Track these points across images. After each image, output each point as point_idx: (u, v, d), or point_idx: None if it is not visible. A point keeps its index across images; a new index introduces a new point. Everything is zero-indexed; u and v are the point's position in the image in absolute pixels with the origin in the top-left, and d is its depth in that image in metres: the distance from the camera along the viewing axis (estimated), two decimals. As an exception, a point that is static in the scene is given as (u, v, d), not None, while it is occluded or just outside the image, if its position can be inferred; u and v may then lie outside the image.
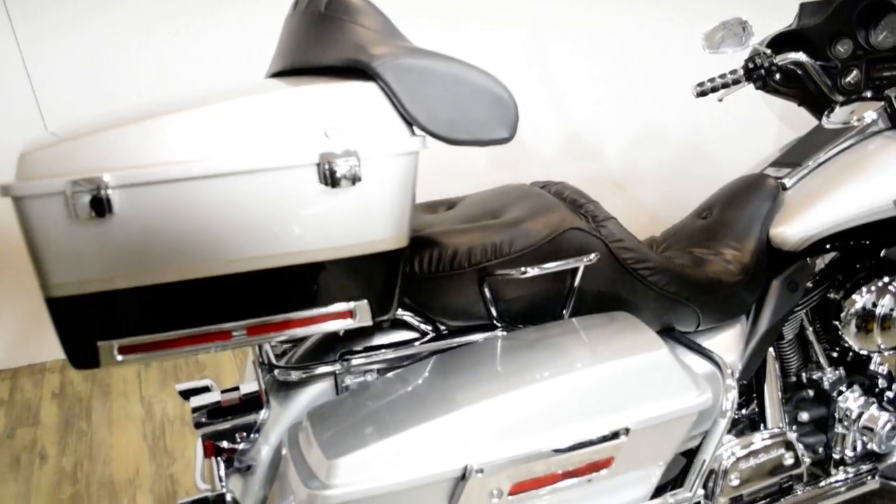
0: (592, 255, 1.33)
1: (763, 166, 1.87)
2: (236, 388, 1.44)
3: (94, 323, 1.01)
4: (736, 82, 2.13)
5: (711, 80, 2.16)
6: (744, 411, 1.73)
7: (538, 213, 1.38)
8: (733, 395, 1.38)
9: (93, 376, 3.07)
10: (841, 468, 1.83)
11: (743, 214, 1.69)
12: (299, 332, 1.11)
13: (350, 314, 1.13)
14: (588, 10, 3.39)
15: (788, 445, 1.58)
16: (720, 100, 2.22)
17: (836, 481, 1.80)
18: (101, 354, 1.03)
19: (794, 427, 1.80)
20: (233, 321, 1.07)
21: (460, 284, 1.33)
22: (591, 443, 1.18)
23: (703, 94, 2.18)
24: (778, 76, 2.10)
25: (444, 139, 1.12)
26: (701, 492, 1.41)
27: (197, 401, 1.40)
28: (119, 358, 1.03)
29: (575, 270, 1.37)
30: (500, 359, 1.28)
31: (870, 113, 1.86)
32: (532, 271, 1.30)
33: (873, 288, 1.74)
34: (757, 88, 2.13)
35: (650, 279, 1.43)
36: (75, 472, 2.50)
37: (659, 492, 1.38)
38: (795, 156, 1.82)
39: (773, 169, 1.81)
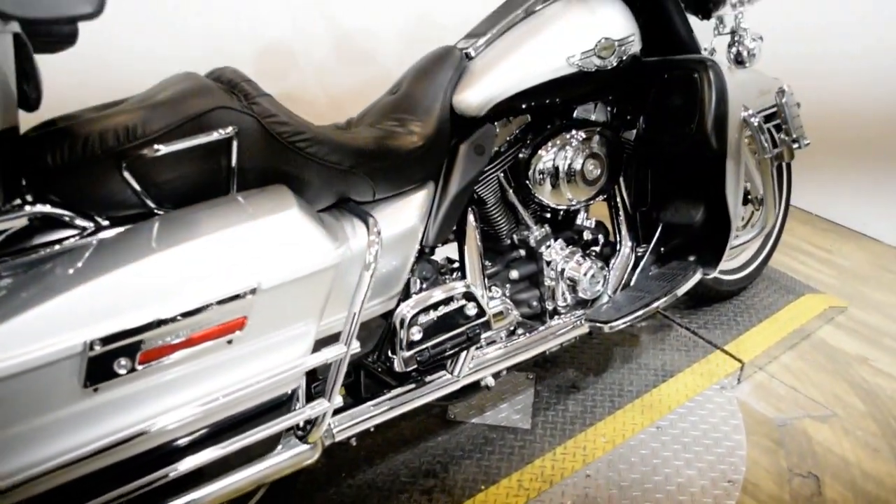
0: (230, 129, 1.34)
1: None
2: None
3: None
4: None
5: None
6: (453, 275, 1.81)
7: (184, 96, 1.38)
8: (376, 249, 1.44)
9: None
10: (556, 318, 1.96)
11: (429, 86, 1.73)
12: None
13: None
14: None
15: (469, 296, 1.68)
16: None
17: (550, 328, 1.93)
18: None
19: (509, 286, 1.91)
20: None
21: (100, 172, 1.31)
22: (212, 305, 1.22)
23: None
24: None
25: (9, 16, 1.08)
26: (356, 344, 1.48)
27: None
28: None
29: (230, 148, 1.38)
30: (136, 237, 1.29)
31: None
32: (164, 150, 1.30)
33: (557, 143, 1.84)
34: None
35: (309, 151, 1.46)
36: None
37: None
38: (485, 26, 1.88)
39: (465, 40, 1.86)
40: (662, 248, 2.12)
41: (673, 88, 1.93)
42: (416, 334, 1.59)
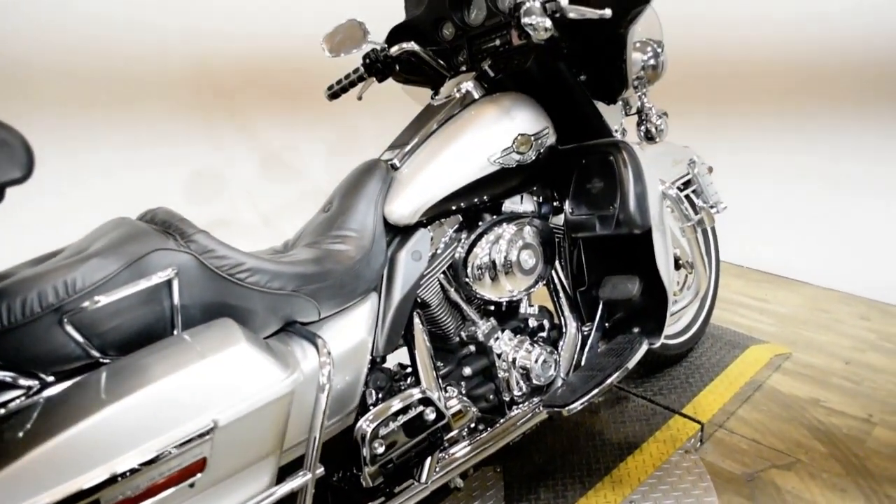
0: (169, 270, 1.36)
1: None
2: None
3: None
4: (361, 79, 2.25)
5: (338, 81, 2.28)
6: (407, 381, 1.83)
7: (120, 242, 1.39)
8: (328, 369, 1.45)
9: None
10: (514, 408, 1.98)
11: (360, 200, 1.78)
12: None
13: None
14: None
15: (426, 401, 1.69)
16: (359, 98, 2.35)
17: (509, 419, 1.95)
18: None
19: (464, 384, 1.93)
20: None
21: (42, 330, 1.31)
22: (170, 451, 1.21)
23: (333, 95, 2.30)
24: (398, 67, 2.24)
25: None
26: (321, 469, 1.46)
27: None
28: None
29: (171, 289, 1.39)
30: (85, 391, 1.27)
31: (466, 84, 2.04)
32: (105, 300, 1.31)
33: (490, 238, 1.90)
34: (380, 81, 2.26)
35: (249, 280, 1.48)
36: None
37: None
38: (407, 136, 1.96)
39: (389, 152, 1.93)
40: (607, 324, 2.17)
41: (591, 173, 2.02)
42: (379, 448, 1.59)
